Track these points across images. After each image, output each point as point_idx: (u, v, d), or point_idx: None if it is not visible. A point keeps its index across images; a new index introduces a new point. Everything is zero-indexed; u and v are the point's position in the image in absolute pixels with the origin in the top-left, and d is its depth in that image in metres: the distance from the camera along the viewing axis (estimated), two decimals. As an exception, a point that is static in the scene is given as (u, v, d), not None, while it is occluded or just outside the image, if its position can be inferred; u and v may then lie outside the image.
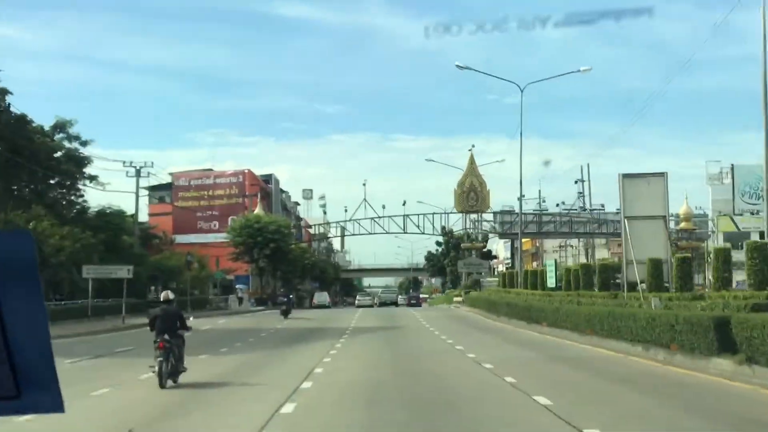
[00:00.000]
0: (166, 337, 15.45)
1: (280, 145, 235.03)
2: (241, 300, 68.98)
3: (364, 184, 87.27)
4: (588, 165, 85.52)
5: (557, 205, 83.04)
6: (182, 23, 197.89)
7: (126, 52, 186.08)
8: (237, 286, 73.13)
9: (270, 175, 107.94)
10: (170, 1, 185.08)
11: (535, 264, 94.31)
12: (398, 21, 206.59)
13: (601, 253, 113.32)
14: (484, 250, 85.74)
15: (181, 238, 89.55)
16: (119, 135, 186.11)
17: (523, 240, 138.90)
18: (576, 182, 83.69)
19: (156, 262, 59.25)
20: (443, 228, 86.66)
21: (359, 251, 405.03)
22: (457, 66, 49.64)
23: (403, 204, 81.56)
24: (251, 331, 37.05)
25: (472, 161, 78.01)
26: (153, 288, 56.14)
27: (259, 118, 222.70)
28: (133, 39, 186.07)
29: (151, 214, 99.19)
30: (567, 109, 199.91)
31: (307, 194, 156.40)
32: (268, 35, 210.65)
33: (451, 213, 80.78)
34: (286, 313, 50.07)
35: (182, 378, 15.85)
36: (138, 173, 66.23)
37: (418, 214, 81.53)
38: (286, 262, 79.75)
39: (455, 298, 70.71)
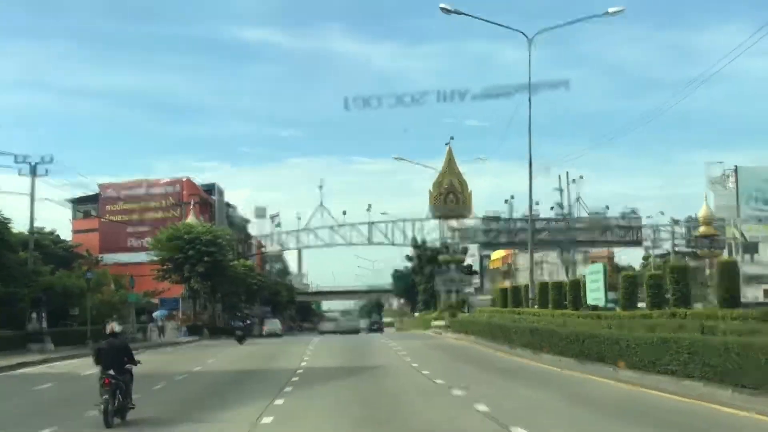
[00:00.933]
0: (112, 372, 14.41)
1: (238, 170, 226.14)
2: (162, 330, 54.68)
3: (320, 187, 73.18)
4: (567, 173, 71.04)
5: (551, 208, 69.44)
6: (136, 49, 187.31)
7: (79, 79, 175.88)
8: (155, 314, 58.41)
9: (213, 185, 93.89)
10: (124, 27, 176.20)
11: (507, 282, 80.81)
12: (355, 46, 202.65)
13: (581, 270, 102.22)
14: (465, 263, 72.38)
15: (109, 257, 75.92)
16: (74, 162, 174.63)
17: (493, 258, 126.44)
18: (559, 189, 70.20)
19: (48, 281, 45.15)
20: (414, 240, 73.29)
21: (317, 273, 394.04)
22: (442, 9, 36.33)
23: (368, 209, 67.94)
24: (147, 380, 23.42)
25: (450, 157, 64.76)
26: (34, 315, 42.12)
27: (216, 144, 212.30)
28: (85, 65, 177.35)
29: (75, 231, 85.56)
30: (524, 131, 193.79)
31: (260, 212, 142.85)
32: (224, 61, 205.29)
33: (424, 219, 67.44)
34: (241, 339, 48.22)
35: (131, 415, 14.60)
36: (34, 171, 52.20)
37: (386, 222, 68.14)
38: (226, 282, 65.74)
39: (434, 322, 57.40)
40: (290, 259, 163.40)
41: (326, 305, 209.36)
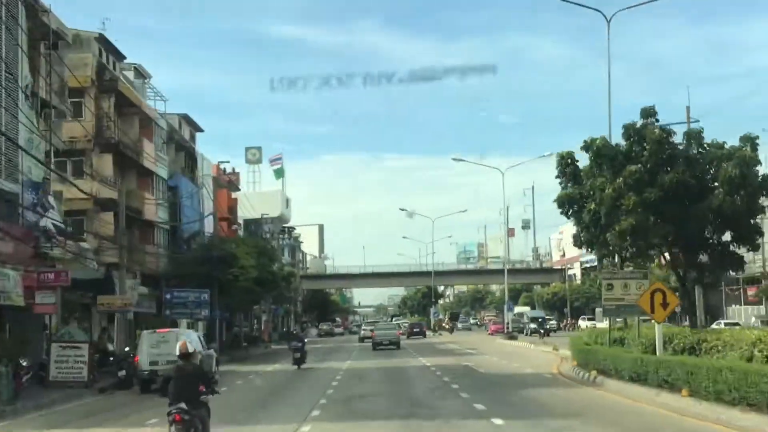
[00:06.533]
0: (184, 406, 11.48)
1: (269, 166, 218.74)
2: None
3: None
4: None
5: None
6: (170, 45, 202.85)
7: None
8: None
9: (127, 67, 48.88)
10: (157, 23, 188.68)
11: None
12: (392, 41, 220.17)
13: None
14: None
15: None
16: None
17: None
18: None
19: None
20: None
21: (344, 253, 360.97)
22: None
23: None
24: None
25: None
26: None
27: (249, 140, 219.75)
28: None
29: None
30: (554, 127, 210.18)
31: (254, 154, 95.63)
32: (258, 56, 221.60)
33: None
34: (299, 362, 35.90)
35: None
36: None
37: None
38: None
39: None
40: (308, 239, 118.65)
41: (356, 297, 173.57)
